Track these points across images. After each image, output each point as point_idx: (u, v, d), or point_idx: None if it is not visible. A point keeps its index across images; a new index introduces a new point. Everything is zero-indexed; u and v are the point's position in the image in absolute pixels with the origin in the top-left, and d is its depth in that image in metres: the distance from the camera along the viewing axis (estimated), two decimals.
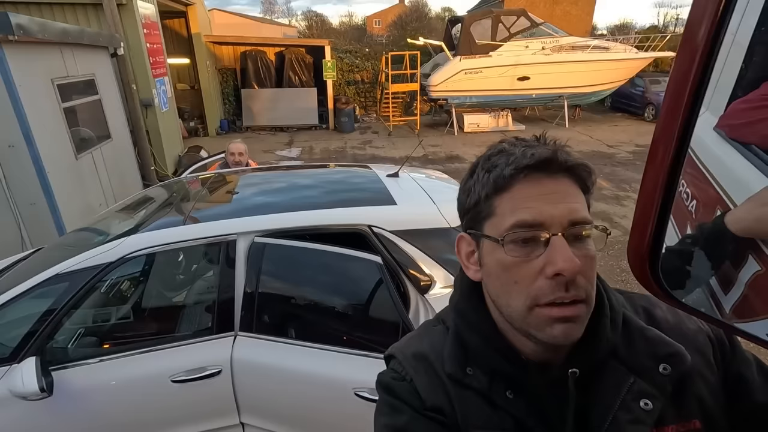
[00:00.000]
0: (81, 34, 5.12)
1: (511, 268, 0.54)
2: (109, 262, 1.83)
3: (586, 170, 0.56)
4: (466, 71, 10.61)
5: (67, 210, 4.22)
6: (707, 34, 0.37)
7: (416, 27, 25.93)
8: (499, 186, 0.55)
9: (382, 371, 0.68)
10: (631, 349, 0.57)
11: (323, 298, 2.02)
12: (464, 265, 0.63)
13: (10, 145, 3.78)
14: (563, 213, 0.53)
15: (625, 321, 0.59)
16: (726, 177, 0.65)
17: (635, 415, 0.54)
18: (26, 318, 1.84)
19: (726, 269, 0.53)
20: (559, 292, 0.52)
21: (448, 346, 0.63)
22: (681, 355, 0.55)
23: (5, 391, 1.66)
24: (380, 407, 0.64)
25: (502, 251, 0.54)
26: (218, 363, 1.81)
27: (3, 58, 3.62)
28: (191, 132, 11.53)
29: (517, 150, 0.55)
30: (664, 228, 0.43)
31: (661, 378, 0.55)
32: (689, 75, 0.39)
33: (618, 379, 0.56)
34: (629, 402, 0.54)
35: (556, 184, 0.54)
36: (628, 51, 11.51)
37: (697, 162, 0.68)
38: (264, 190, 2.52)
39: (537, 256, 0.53)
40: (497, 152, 0.58)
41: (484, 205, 0.57)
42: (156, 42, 7.99)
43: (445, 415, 0.59)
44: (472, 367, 0.60)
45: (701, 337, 0.59)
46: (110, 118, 5.74)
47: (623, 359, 0.57)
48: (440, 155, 9.26)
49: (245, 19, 30.15)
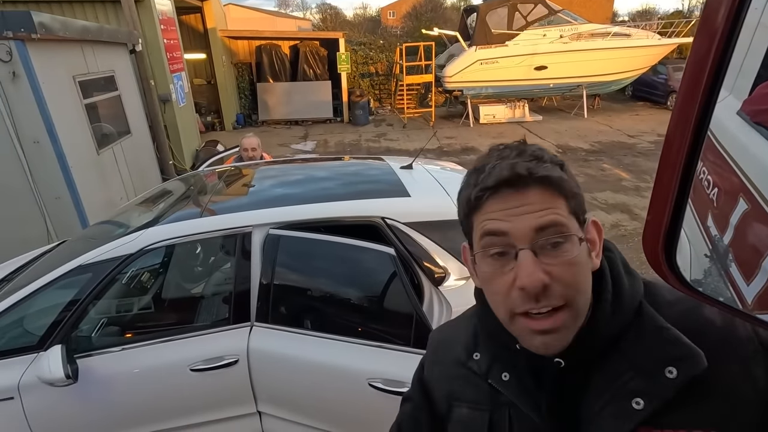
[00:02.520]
0: (101, 31, 5.22)
1: (491, 280, 0.57)
2: (130, 253, 1.88)
3: (555, 180, 0.55)
4: (481, 61, 10.44)
5: (89, 203, 4.33)
6: (727, 15, 0.35)
7: (431, 17, 25.60)
8: (471, 207, 0.58)
9: None
10: (638, 344, 0.55)
11: (337, 290, 2.04)
12: (470, 272, 0.66)
13: (35, 141, 3.90)
14: (527, 224, 0.54)
15: (641, 313, 0.57)
16: (750, 163, 0.62)
17: (621, 411, 0.53)
18: (52, 307, 1.90)
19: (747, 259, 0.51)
20: (529, 303, 0.53)
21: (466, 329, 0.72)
22: (693, 359, 0.51)
23: (34, 378, 1.73)
24: None
25: (482, 264, 0.58)
26: (235, 353, 1.85)
27: (26, 56, 3.72)
28: (208, 126, 11.68)
29: (487, 167, 0.57)
30: (680, 217, 0.42)
31: (665, 380, 0.51)
32: (708, 58, 0.37)
33: (615, 373, 0.55)
34: (620, 397, 0.53)
35: (523, 197, 0.55)
36: (651, 37, 11.13)
37: (719, 148, 0.65)
38: (278, 183, 2.54)
39: (510, 269, 0.54)
40: (473, 169, 0.60)
41: (465, 222, 0.61)
42: (173, 38, 8.09)
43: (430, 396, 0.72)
44: (478, 352, 0.67)
45: (751, 346, 0.52)
46: (129, 114, 5.85)
47: (626, 352, 0.55)
48: (455, 147, 9.17)
49: (260, 13, 30.27)
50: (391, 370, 1.65)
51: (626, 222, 5.23)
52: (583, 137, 9.53)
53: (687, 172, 0.39)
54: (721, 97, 0.49)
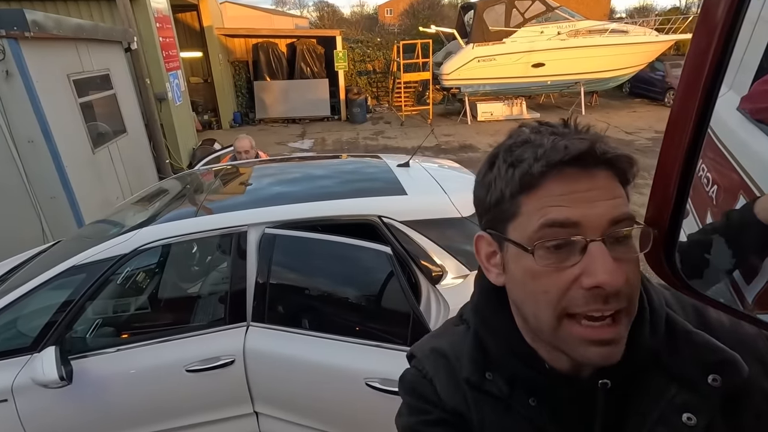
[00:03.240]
0: (95, 29, 5.18)
1: (541, 277, 0.48)
2: (124, 253, 1.86)
3: (628, 161, 0.49)
4: (479, 59, 10.43)
5: (85, 203, 4.30)
6: (727, 10, 0.34)
7: (428, 15, 25.55)
8: (526, 184, 0.48)
9: (405, 369, 0.65)
10: (675, 356, 0.51)
11: (334, 289, 2.03)
12: (484, 267, 0.56)
13: (29, 140, 3.86)
14: (602, 213, 0.46)
15: (669, 323, 0.52)
16: (751, 160, 0.61)
17: (675, 430, 0.48)
18: (46, 309, 1.89)
19: (750, 258, 0.50)
20: (595, 304, 0.45)
21: (468, 347, 0.59)
22: (735, 364, 0.48)
23: (27, 380, 1.71)
24: (402, 407, 0.62)
25: (531, 259, 0.48)
26: (231, 353, 1.84)
27: (20, 54, 3.68)
28: (205, 125, 11.64)
29: (545, 140, 0.48)
30: (680, 216, 0.40)
31: (710, 390, 0.48)
32: (708, 54, 0.35)
33: (658, 390, 0.50)
34: (669, 415, 0.49)
35: (593, 180, 0.47)
36: (648, 34, 11.13)
37: (719, 145, 0.64)
38: (274, 182, 2.52)
39: (573, 264, 0.46)
40: (521, 142, 0.50)
41: (509, 205, 0.50)
42: (169, 36, 8.04)
43: (464, 419, 0.56)
44: (492, 372, 0.56)
45: (761, 343, 0.51)
46: (125, 113, 5.81)
47: (665, 367, 0.51)
48: (453, 145, 9.16)
49: (257, 11, 30.16)
50: (388, 369, 1.64)
51: None
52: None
53: (687, 171, 0.38)
54: (721, 93, 0.48)
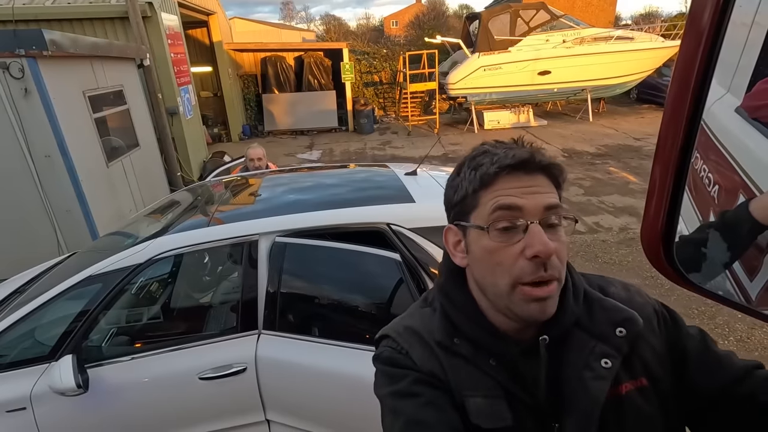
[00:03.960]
0: (109, 47, 5.34)
1: (495, 251, 0.62)
2: (139, 263, 1.90)
3: (557, 169, 0.65)
4: (485, 68, 10.49)
5: (99, 216, 4.40)
6: (712, 14, 0.36)
7: (433, 26, 25.80)
8: (484, 182, 0.63)
9: (380, 347, 0.74)
10: (591, 318, 0.67)
11: (344, 297, 2.04)
12: (451, 253, 0.71)
13: (46, 155, 3.97)
14: (539, 202, 0.61)
15: (586, 294, 0.69)
16: (750, 160, 0.62)
17: (597, 373, 0.62)
18: (63, 318, 1.93)
19: (750, 255, 0.51)
20: (539, 271, 0.60)
21: (437, 321, 0.70)
22: (634, 319, 0.65)
23: (45, 388, 1.75)
24: (381, 379, 0.71)
25: (487, 237, 0.63)
26: (243, 361, 1.86)
27: (38, 72, 3.81)
28: (215, 138, 11.81)
29: (499, 151, 0.64)
30: (677, 213, 0.42)
31: (618, 340, 0.64)
32: (696, 57, 0.38)
33: (582, 344, 0.65)
34: (592, 362, 0.63)
35: (533, 180, 0.63)
36: (654, 40, 11.11)
37: (718, 145, 0.66)
38: (284, 191, 2.56)
39: (517, 241, 0.61)
40: (481, 153, 0.66)
41: (471, 199, 0.65)
42: (180, 52, 8.24)
43: (439, 380, 0.66)
44: (458, 338, 0.68)
45: (648, 308, 0.69)
46: (138, 127, 5.95)
47: (586, 327, 0.66)
48: (460, 153, 9.18)
49: (265, 25, 30.72)
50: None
51: (634, 225, 5.19)
52: (589, 141, 9.50)
53: (680, 169, 0.39)
54: (719, 95, 0.50)
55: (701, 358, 0.66)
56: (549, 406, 0.64)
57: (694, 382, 0.65)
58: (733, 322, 3.29)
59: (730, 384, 0.63)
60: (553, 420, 0.63)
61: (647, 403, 0.63)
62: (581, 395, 0.62)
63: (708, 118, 0.46)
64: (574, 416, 0.62)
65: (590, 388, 0.62)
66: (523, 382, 0.64)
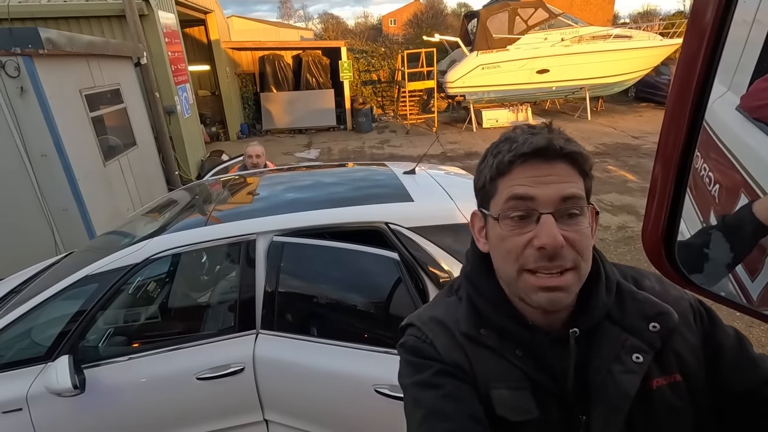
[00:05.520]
0: (106, 45, 5.31)
1: (506, 239, 0.62)
2: (136, 263, 1.89)
3: (581, 157, 0.62)
4: (483, 66, 10.48)
5: (96, 215, 4.37)
6: (715, 12, 0.35)
7: (432, 24, 25.78)
8: (500, 170, 0.63)
9: (405, 335, 0.74)
10: (623, 311, 0.65)
11: (342, 296, 2.04)
12: (476, 238, 0.71)
13: (42, 154, 3.95)
14: (554, 192, 0.59)
15: (618, 286, 0.67)
16: (751, 159, 0.62)
17: (628, 367, 0.61)
18: (60, 318, 1.92)
19: (752, 256, 0.51)
20: (542, 261, 0.59)
21: (462, 310, 0.70)
22: (668, 314, 0.63)
23: (41, 389, 1.73)
24: (405, 368, 0.71)
25: (499, 226, 0.63)
26: (241, 360, 1.85)
27: (34, 71, 3.78)
28: (213, 137, 11.78)
29: (520, 138, 0.62)
30: (678, 212, 0.41)
31: (651, 335, 0.62)
32: (698, 55, 0.37)
33: (613, 337, 0.64)
34: (622, 356, 0.62)
35: (551, 168, 0.61)
36: (652, 38, 11.12)
37: (719, 144, 0.65)
38: (281, 190, 2.55)
39: (528, 231, 0.60)
40: (504, 140, 0.65)
41: (489, 186, 0.65)
42: (177, 50, 8.20)
43: (464, 371, 0.65)
44: (485, 328, 0.67)
45: (684, 303, 0.67)
46: (135, 126, 5.92)
47: (617, 320, 0.64)
48: (459, 152, 9.17)
49: (263, 24, 30.61)
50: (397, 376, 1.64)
51: (633, 224, 5.19)
52: (588, 139, 9.50)
53: (682, 168, 0.39)
54: (720, 93, 0.49)
55: (735, 358, 0.64)
56: (576, 399, 0.63)
57: (726, 381, 0.63)
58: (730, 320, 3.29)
59: (759, 385, 0.62)
60: (580, 412, 0.62)
61: (679, 398, 0.62)
62: (611, 388, 0.61)
63: (709, 117, 0.46)
64: (603, 409, 0.61)
65: (620, 381, 0.61)
66: (551, 373, 0.63)
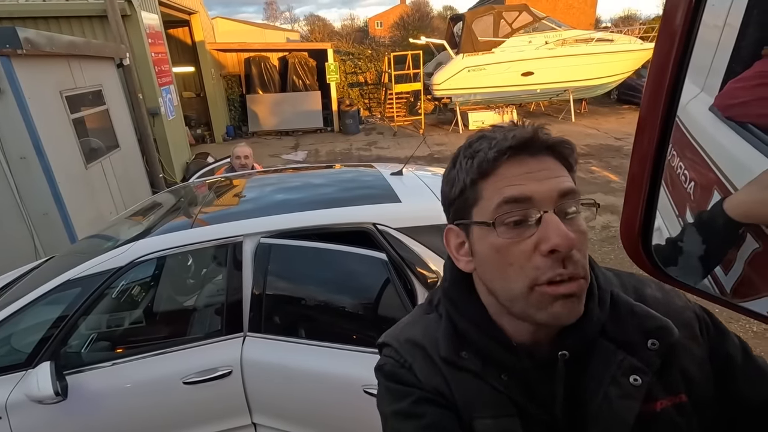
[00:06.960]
0: (87, 45, 5.21)
1: (505, 249, 0.53)
2: (120, 266, 1.86)
3: (567, 147, 0.56)
4: (469, 68, 10.58)
5: (78, 219, 4.29)
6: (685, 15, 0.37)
7: (418, 27, 25.91)
8: (483, 170, 0.55)
9: (381, 357, 0.67)
10: (619, 326, 0.57)
11: (330, 297, 2.03)
12: (454, 257, 0.62)
13: (21, 157, 3.86)
14: (551, 188, 0.53)
15: (613, 298, 0.59)
16: (723, 157, 0.64)
17: (625, 391, 0.54)
18: (41, 324, 1.87)
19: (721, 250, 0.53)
20: (557, 268, 0.51)
21: (442, 331, 0.62)
22: (668, 329, 0.56)
23: (22, 396, 1.69)
24: (384, 395, 0.64)
25: (494, 234, 0.54)
26: (228, 364, 1.83)
27: (12, 72, 3.70)
28: (198, 139, 11.64)
29: (497, 134, 0.55)
30: (654, 207, 0.43)
31: (649, 353, 0.55)
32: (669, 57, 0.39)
33: (607, 356, 0.56)
34: (619, 378, 0.55)
35: (539, 162, 0.54)
36: (633, 42, 11.37)
37: (694, 143, 0.68)
38: (269, 192, 2.54)
39: (530, 235, 0.52)
40: (477, 139, 0.58)
41: (470, 192, 0.56)
42: (161, 51, 8.09)
43: (444, 397, 0.59)
44: (466, 351, 0.60)
45: (688, 313, 0.60)
46: (118, 128, 5.82)
47: (612, 336, 0.57)
48: (446, 153, 9.24)
49: (249, 25, 30.41)
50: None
51: (616, 223, 5.29)
52: (572, 140, 9.65)
53: (657, 164, 0.40)
54: (694, 94, 0.51)
55: (745, 369, 0.58)
56: (568, 426, 0.56)
57: (739, 393, 0.57)
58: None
59: None
60: None
61: (685, 419, 0.55)
62: (607, 415, 0.54)
63: (684, 117, 0.48)
64: None
65: (617, 407, 0.54)
66: (540, 399, 0.57)
